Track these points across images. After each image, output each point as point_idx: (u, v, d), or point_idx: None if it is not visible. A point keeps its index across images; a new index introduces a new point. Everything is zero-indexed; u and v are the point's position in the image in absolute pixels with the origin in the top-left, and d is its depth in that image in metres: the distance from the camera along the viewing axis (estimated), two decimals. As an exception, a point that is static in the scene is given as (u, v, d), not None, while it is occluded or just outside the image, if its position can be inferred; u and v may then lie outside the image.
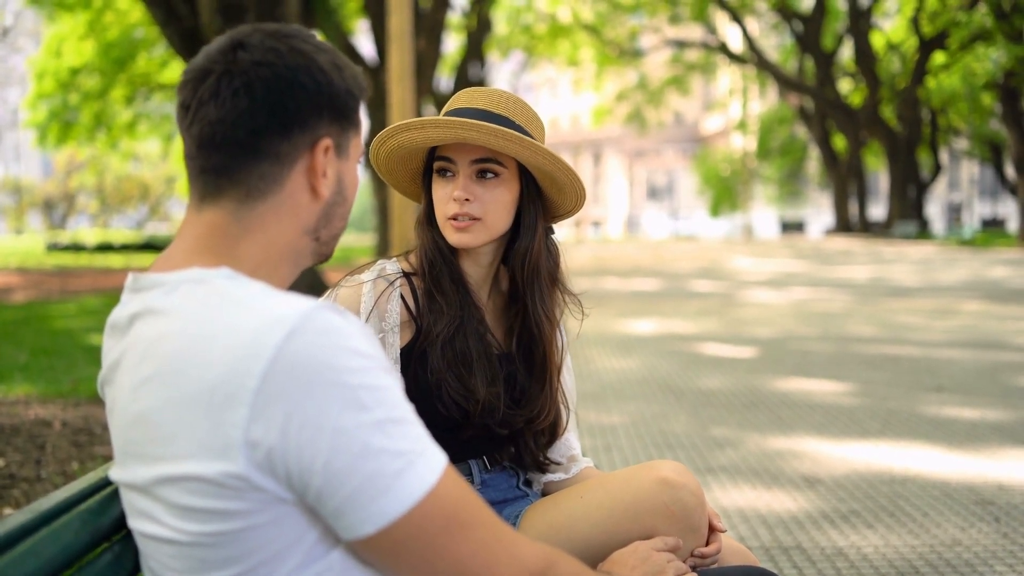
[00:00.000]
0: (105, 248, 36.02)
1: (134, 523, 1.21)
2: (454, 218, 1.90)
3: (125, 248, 35.79)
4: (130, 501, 1.21)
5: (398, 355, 1.88)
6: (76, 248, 36.49)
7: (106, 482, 1.31)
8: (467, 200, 1.89)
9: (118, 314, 1.25)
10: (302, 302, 1.13)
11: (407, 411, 1.14)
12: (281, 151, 1.23)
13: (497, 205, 1.91)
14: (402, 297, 1.92)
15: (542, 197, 1.99)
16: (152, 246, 35.39)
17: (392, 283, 1.92)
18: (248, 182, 1.23)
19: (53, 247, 36.98)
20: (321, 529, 1.16)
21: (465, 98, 1.98)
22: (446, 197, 1.92)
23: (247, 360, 1.07)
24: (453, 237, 1.91)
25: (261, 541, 1.13)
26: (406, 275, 1.96)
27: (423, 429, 1.16)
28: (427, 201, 1.99)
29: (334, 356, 1.09)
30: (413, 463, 1.11)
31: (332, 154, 1.28)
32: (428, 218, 1.99)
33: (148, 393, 1.14)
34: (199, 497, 1.10)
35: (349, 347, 1.10)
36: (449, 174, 1.93)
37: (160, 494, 1.14)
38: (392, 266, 1.96)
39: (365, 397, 1.09)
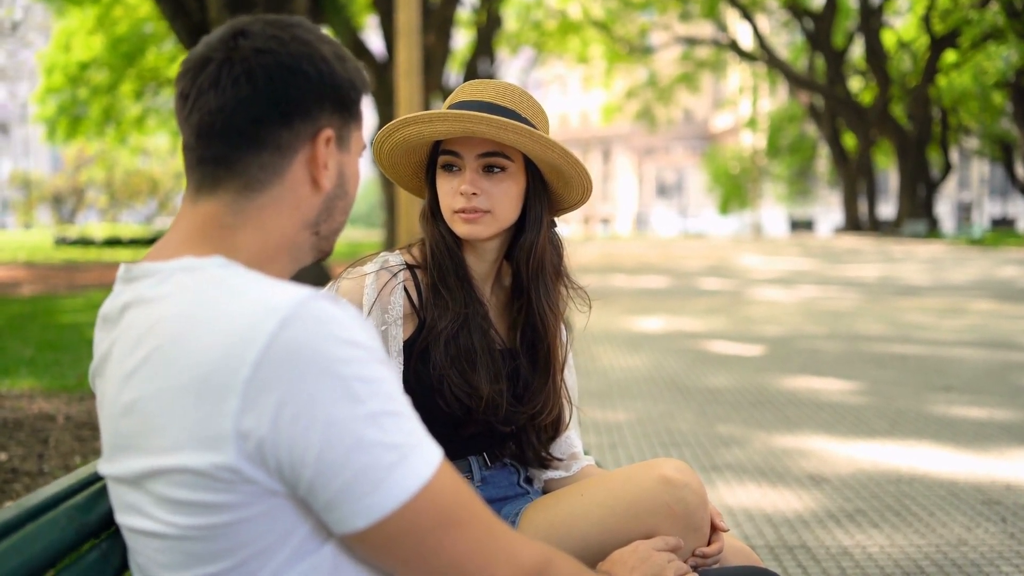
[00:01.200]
0: (114, 243, 36.07)
1: (122, 518, 1.19)
2: (462, 211, 1.88)
3: (134, 243, 35.82)
4: (118, 495, 1.19)
5: (401, 348, 1.87)
6: (85, 243, 36.56)
7: (95, 478, 1.29)
8: (474, 194, 1.86)
9: (110, 305, 1.23)
10: (297, 290, 1.10)
11: (403, 404, 1.12)
12: (282, 141, 1.21)
13: (505, 198, 1.89)
14: (405, 290, 1.90)
15: (547, 191, 1.97)
16: (160, 241, 35.42)
17: (395, 275, 1.90)
18: (248, 172, 1.21)
19: (61, 241, 37.04)
20: (313, 523, 1.14)
21: (470, 90, 1.95)
22: (452, 191, 1.89)
23: (239, 348, 1.05)
24: (462, 229, 1.89)
25: (251, 535, 1.11)
26: (410, 267, 1.94)
27: (419, 423, 1.14)
28: (431, 195, 1.97)
29: (328, 346, 1.06)
30: (407, 457, 1.09)
31: (333, 146, 1.26)
32: (432, 212, 1.97)
33: (139, 382, 1.12)
34: (189, 490, 1.08)
35: (344, 337, 1.08)
36: (455, 168, 1.90)
37: (149, 487, 1.12)
38: (395, 258, 1.94)
39: (359, 388, 1.07)
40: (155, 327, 1.13)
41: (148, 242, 35.24)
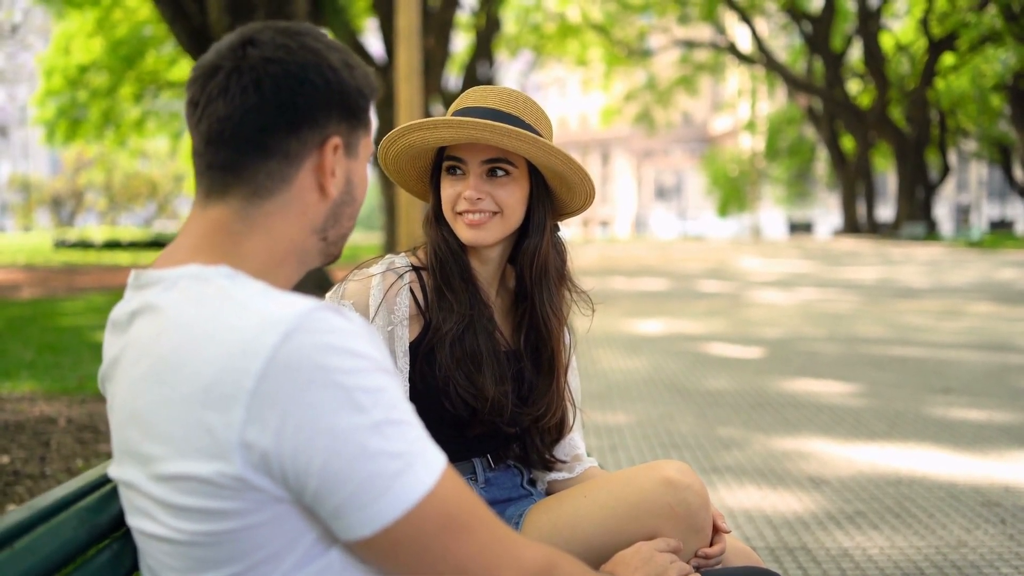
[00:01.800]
0: (113, 245, 36.09)
1: (133, 521, 1.20)
2: (466, 214, 1.89)
3: (133, 245, 35.85)
4: (128, 499, 1.20)
5: (407, 348, 1.88)
6: (84, 245, 36.57)
7: (105, 479, 1.30)
8: (479, 199, 1.88)
9: (120, 310, 1.24)
10: (300, 302, 1.11)
11: (406, 412, 1.13)
12: (290, 149, 1.22)
13: (511, 201, 1.91)
14: (411, 291, 1.91)
15: (550, 195, 1.98)
16: (160, 243, 35.43)
17: (401, 276, 1.91)
18: (255, 180, 1.22)
19: (61, 244, 37.06)
20: (320, 529, 1.15)
21: (475, 96, 1.97)
22: (456, 195, 1.91)
23: (243, 360, 1.06)
24: (467, 234, 1.90)
25: (258, 540, 1.12)
26: (415, 269, 1.95)
27: (422, 430, 1.15)
28: (435, 199, 1.98)
29: (330, 357, 1.07)
30: (411, 464, 1.10)
31: (341, 153, 1.27)
32: (437, 216, 1.98)
33: (144, 391, 1.13)
34: (195, 496, 1.09)
35: (346, 348, 1.09)
36: (459, 172, 1.92)
37: (156, 493, 1.13)
38: (401, 260, 1.95)
39: (362, 398, 1.08)
40: (161, 336, 1.14)
41: (147, 245, 35.30)
